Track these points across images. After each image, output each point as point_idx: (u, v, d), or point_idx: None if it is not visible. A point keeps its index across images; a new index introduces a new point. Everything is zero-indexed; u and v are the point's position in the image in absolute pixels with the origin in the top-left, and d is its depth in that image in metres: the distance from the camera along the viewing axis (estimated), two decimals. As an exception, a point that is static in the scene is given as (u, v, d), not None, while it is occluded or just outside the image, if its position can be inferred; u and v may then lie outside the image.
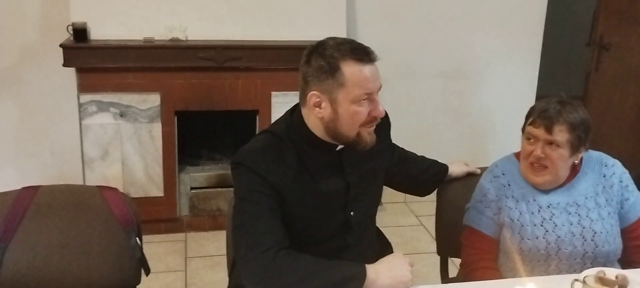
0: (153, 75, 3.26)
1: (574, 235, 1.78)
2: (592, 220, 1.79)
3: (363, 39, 3.93)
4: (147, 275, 1.90)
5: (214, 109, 3.38)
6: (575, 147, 1.77)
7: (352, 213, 1.68)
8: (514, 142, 1.98)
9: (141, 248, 1.86)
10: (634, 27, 3.95)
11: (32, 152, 3.53)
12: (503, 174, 1.89)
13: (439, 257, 2.21)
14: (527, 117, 1.82)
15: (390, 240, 1.98)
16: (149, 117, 3.29)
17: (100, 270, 1.82)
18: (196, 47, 3.26)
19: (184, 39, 3.30)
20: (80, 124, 3.23)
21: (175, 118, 3.35)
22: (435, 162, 2.09)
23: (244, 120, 3.51)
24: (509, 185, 1.86)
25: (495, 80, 3.97)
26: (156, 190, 3.39)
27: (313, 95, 1.55)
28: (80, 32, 3.15)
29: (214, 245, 3.37)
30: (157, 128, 3.31)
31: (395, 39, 3.79)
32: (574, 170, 1.84)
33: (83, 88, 3.19)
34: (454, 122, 3.98)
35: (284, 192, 1.55)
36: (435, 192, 2.10)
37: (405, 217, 3.83)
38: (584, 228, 1.78)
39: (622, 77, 4.06)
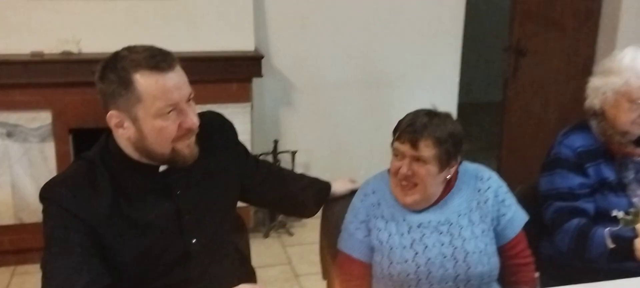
0: (43, 91, 3.05)
1: (445, 257, 1.66)
2: (464, 240, 1.68)
3: (275, 49, 3.74)
4: None
5: (112, 126, 3.19)
6: (444, 161, 1.65)
7: (193, 240, 1.53)
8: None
9: None
10: (550, 31, 3.91)
11: None
12: (373, 192, 1.76)
13: (325, 282, 2.07)
14: (394, 131, 1.70)
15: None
16: (39, 136, 3.08)
17: None
18: (90, 60, 3.06)
19: (77, 52, 3.10)
20: (-37, 145, 3.01)
21: (70, 136, 3.15)
22: (316, 179, 1.95)
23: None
24: (379, 204, 1.74)
25: (415, 89, 3.87)
26: (52, 213, 3.17)
27: (112, 116, 1.39)
28: (-40, 47, 2.93)
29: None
30: (50, 147, 3.10)
31: (309, 48, 3.66)
32: (448, 185, 1.73)
33: (-35, 107, 2.97)
34: (373, 132, 3.87)
35: (99, 225, 1.38)
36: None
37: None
38: (455, 248, 1.67)
39: (541, 83, 4.02)
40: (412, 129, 1.64)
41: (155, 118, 1.38)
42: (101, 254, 1.38)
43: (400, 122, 1.70)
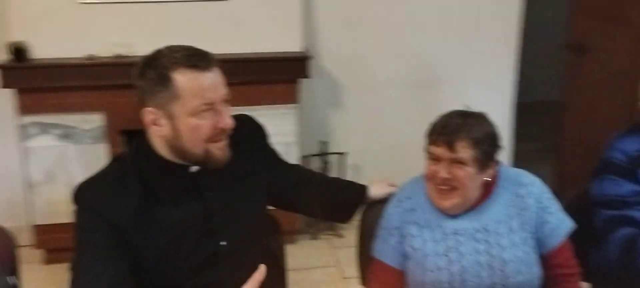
0: (96, 94, 3.14)
1: (480, 265, 1.58)
2: (502, 248, 1.59)
3: (324, 50, 3.69)
4: None
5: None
6: (482, 163, 1.58)
7: (223, 243, 1.52)
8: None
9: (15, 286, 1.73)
10: (615, 26, 3.70)
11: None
12: (408, 198, 1.70)
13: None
14: (428, 135, 1.63)
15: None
16: (93, 138, 3.17)
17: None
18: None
19: (129, 56, 3.17)
20: (22, 147, 3.13)
21: (122, 137, 3.22)
22: (352, 183, 1.91)
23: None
24: (414, 210, 1.67)
25: (468, 88, 3.75)
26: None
27: (148, 112, 1.41)
28: (19, 52, 3.05)
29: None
30: (103, 148, 3.19)
31: (359, 48, 3.61)
32: (487, 190, 1.65)
33: (23, 109, 3.08)
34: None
35: (126, 226, 1.39)
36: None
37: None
38: (492, 257, 1.59)
39: (605, 82, 3.81)
40: (447, 130, 1.57)
41: (191, 116, 1.38)
42: (128, 256, 1.39)
43: (433, 124, 1.64)
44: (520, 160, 3.96)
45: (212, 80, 1.39)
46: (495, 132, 1.63)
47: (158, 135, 1.42)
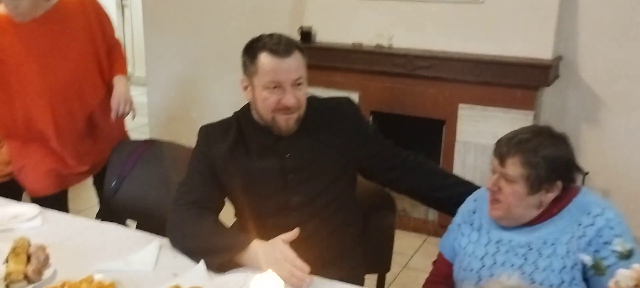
0: (356, 75, 3.68)
1: (508, 279, 1.56)
2: (536, 268, 1.54)
3: (585, 60, 3.43)
4: None
5: (404, 113, 3.61)
6: (534, 185, 1.55)
7: (295, 197, 1.86)
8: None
9: None
10: None
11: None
12: (475, 200, 1.75)
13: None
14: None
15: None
16: (349, 113, 3.72)
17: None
18: (397, 54, 3.54)
19: (388, 47, 3.61)
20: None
21: (371, 117, 3.70)
22: (467, 182, 1.99)
23: (432, 128, 3.61)
24: (474, 212, 1.72)
25: None
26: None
27: (243, 80, 1.82)
28: (306, 35, 3.79)
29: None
30: (356, 123, 3.72)
31: (627, 61, 3.30)
32: (548, 211, 1.59)
33: (302, 81, 3.83)
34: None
35: (218, 165, 1.84)
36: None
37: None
38: (523, 273, 1.55)
39: None
40: (504, 144, 1.59)
41: (263, 89, 1.77)
42: (218, 186, 1.86)
43: (503, 136, 1.65)
44: None
45: (286, 66, 1.73)
46: (566, 157, 1.57)
47: (247, 98, 1.84)
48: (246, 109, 1.91)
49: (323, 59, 3.72)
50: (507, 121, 3.31)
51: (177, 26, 4.60)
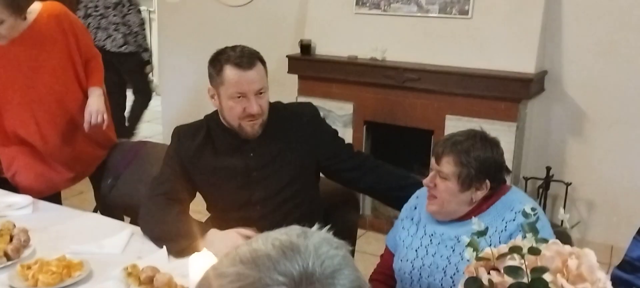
0: (351, 87, 3.84)
1: (437, 268, 1.72)
2: (462, 259, 1.68)
3: (570, 74, 3.60)
4: None
5: (395, 124, 3.76)
6: (466, 183, 1.70)
7: (258, 192, 2.03)
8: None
9: None
10: None
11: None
12: (417, 197, 1.91)
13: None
14: None
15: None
16: (343, 123, 3.89)
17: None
18: (389, 67, 3.70)
19: (381, 60, 3.78)
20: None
21: (364, 127, 3.86)
22: (410, 176, 2.16)
23: (421, 138, 3.75)
24: (415, 207, 1.88)
25: None
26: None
27: (209, 89, 2.00)
28: (306, 47, 3.98)
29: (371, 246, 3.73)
30: (349, 133, 3.89)
31: (610, 77, 3.40)
32: (480, 207, 1.74)
33: (301, 91, 4.01)
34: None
35: (187, 163, 2.04)
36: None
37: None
38: (449, 263, 1.70)
39: None
40: (441, 145, 1.75)
41: (229, 99, 1.95)
42: (188, 181, 2.05)
43: (441, 138, 1.81)
44: None
45: (249, 77, 1.91)
46: (496, 159, 1.72)
47: (215, 107, 2.03)
48: (216, 113, 2.10)
49: (321, 70, 3.91)
50: (491, 132, 3.31)
51: (189, 38, 4.84)
